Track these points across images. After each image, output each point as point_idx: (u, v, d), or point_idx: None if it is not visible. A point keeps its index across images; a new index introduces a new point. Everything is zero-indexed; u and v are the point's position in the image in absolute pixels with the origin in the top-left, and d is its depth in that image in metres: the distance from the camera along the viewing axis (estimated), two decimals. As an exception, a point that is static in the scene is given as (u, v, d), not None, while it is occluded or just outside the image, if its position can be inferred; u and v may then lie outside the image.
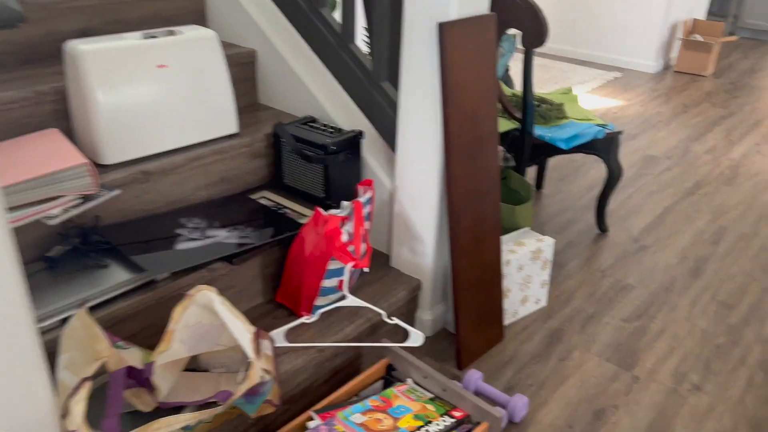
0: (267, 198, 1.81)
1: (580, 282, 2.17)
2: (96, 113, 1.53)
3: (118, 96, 1.55)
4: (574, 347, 1.85)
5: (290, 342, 1.52)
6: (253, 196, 1.80)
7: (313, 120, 1.88)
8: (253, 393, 1.18)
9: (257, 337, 1.18)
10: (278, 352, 1.49)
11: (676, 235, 2.50)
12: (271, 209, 1.74)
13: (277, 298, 1.67)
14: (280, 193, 1.84)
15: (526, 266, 1.88)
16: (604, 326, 1.94)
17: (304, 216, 1.72)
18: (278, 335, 1.53)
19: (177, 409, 1.18)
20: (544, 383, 1.71)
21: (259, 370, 1.10)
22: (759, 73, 5.01)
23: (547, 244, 1.91)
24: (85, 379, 0.99)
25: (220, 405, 1.10)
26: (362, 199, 1.60)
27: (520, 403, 1.56)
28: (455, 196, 1.61)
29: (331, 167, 1.73)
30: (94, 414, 1.17)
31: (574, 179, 2.99)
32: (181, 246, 1.52)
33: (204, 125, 1.73)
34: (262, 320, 1.61)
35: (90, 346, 1.06)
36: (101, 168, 1.57)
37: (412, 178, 1.71)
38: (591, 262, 2.29)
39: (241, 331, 1.16)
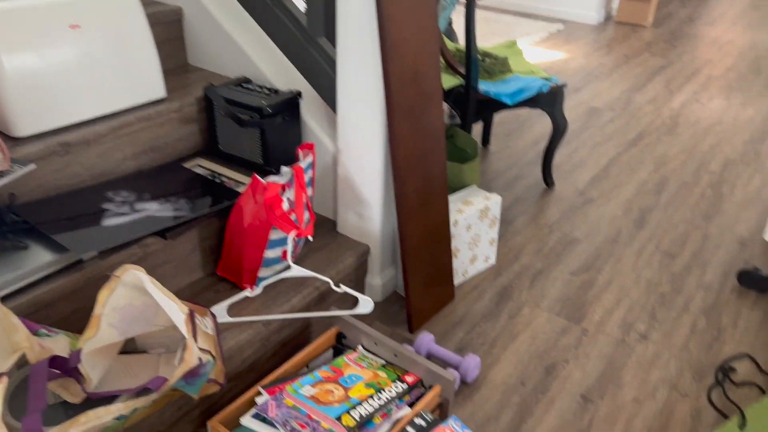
0: (201, 166, 1.71)
1: (528, 238, 2.17)
2: (1, 81, 1.38)
3: (26, 60, 1.41)
4: (524, 303, 1.85)
5: (233, 317, 1.46)
6: (186, 165, 1.70)
7: (247, 81, 1.77)
8: (192, 375, 1.11)
9: (192, 318, 1.11)
10: (221, 328, 1.43)
11: (620, 187, 2.52)
12: (206, 178, 1.64)
13: (218, 272, 1.59)
14: (215, 161, 1.74)
15: (474, 225, 1.85)
16: (553, 281, 1.95)
17: (242, 184, 1.63)
18: (220, 310, 1.46)
19: (110, 398, 1.11)
20: (496, 341, 1.70)
21: (196, 353, 1.03)
22: (696, 22, 5.09)
23: (494, 202, 1.88)
24: (0, 375, 0.90)
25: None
26: (303, 164, 1.52)
27: (472, 363, 1.55)
28: (400, 157, 1.55)
29: (268, 131, 1.64)
30: (20, 409, 1.08)
31: (519, 135, 2.97)
32: (109, 222, 1.42)
33: (128, 90, 1.60)
34: (203, 295, 1.53)
35: (5, 338, 0.97)
36: (13, 141, 1.44)
37: (355, 140, 1.64)
38: (538, 218, 2.29)
39: (175, 311, 1.08)
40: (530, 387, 1.56)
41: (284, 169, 1.50)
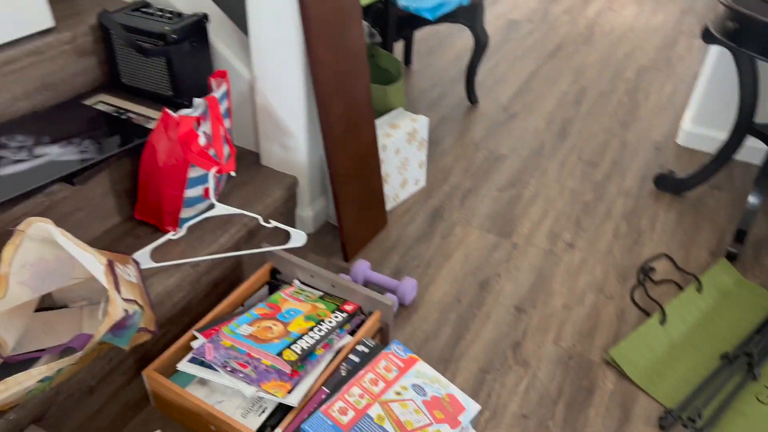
0: (105, 102, 1.56)
1: (455, 157, 2.16)
2: None
3: None
4: (456, 223, 1.86)
5: (158, 262, 1.38)
6: (88, 102, 1.55)
7: (146, 5, 1.61)
8: (120, 327, 1.05)
9: (112, 267, 1.04)
10: (146, 275, 1.35)
11: (541, 100, 2.54)
12: (111, 115, 1.51)
13: (136, 215, 1.50)
14: (119, 96, 1.60)
15: (402, 149, 1.82)
16: (482, 198, 1.97)
17: (152, 120, 1.51)
18: (143, 256, 1.38)
19: (31, 361, 1.04)
20: (430, 262, 1.71)
21: (120, 305, 0.97)
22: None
23: (421, 123, 1.84)
24: None
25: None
26: (217, 93, 1.42)
27: (409, 286, 1.55)
28: (322, 81, 1.47)
29: (175, 60, 1.51)
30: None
31: (441, 52, 2.91)
32: (6, 170, 1.28)
33: (7, 21, 1.41)
34: (122, 241, 1.44)
35: None
36: None
37: (272, 65, 1.54)
38: (464, 136, 2.28)
39: (92, 263, 1.00)
40: (466, 303, 1.59)
41: (197, 100, 1.40)
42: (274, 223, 1.52)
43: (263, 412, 1.22)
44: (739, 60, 1.72)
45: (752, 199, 1.74)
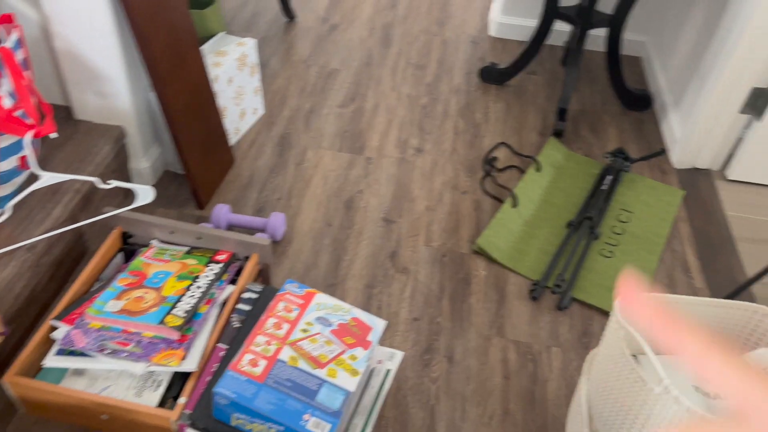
0: None
1: (288, 79, 2.07)
2: None
3: None
4: (306, 147, 1.81)
5: (-15, 254, 1.17)
6: None
7: None
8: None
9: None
10: (-27, 272, 1.14)
11: (358, 7, 2.49)
12: None
13: (-65, 206, 1.24)
14: None
15: (235, 77, 1.69)
16: (326, 117, 1.92)
17: (-73, 85, 1.22)
18: (-37, 252, 1.15)
19: None
20: (291, 192, 1.66)
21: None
22: None
23: (250, 47, 1.71)
24: None
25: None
26: (8, 43, 1.17)
27: (278, 221, 1.50)
28: (136, 9, 1.28)
29: (-62, 6, 1.21)
30: None
31: (242, -35, 2.69)
32: None
33: None
34: (-74, 240, 1.19)
35: None
36: None
37: (68, 0, 1.30)
38: (291, 54, 2.18)
39: None
40: (337, 225, 1.58)
41: (-16, 54, 1.15)
42: (114, 183, 1.35)
43: (159, 386, 1.13)
44: (541, -52, 1.81)
45: (566, 78, 1.91)
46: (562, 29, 2.30)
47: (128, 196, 1.55)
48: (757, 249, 1.62)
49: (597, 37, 2.30)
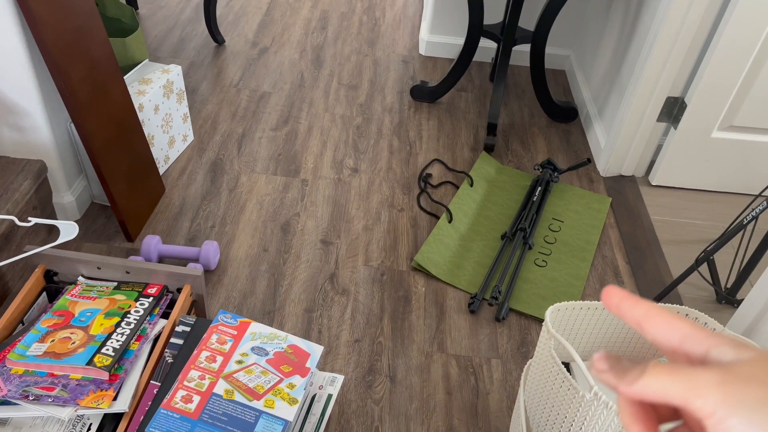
0: None
1: (218, 104, 2.04)
2: None
3: None
4: (239, 172, 1.78)
5: None
6: None
7: None
8: None
9: None
10: None
11: (288, 30, 2.49)
12: None
13: None
14: None
15: (161, 105, 1.65)
16: (259, 141, 1.91)
17: None
18: None
19: None
20: (225, 219, 1.63)
21: None
22: None
23: (175, 73, 1.68)
24: None
25: None
26: None
27: (210, 249, 1.47)
28: (49, 42, 1.24)
29: None
30: None
31: (168, -10, 2.65)
32: None
33: None
34: None
35: None
36: None
37: (-25, 32, 1.25)
38: (221, 79, 2.16)
39: None
40: (273, 250, 1.56)
41: None
42: (34, 220, 1.29)
43: (89, 429, 1.08)
44: (462, -31, 1.86)
45: (493, 94, 1.96)
46: (489, 46, 2.36)
47: (53, 231, 1.49)
48: (680, 250, 1.69)
49: (523, 53, 2.38)
